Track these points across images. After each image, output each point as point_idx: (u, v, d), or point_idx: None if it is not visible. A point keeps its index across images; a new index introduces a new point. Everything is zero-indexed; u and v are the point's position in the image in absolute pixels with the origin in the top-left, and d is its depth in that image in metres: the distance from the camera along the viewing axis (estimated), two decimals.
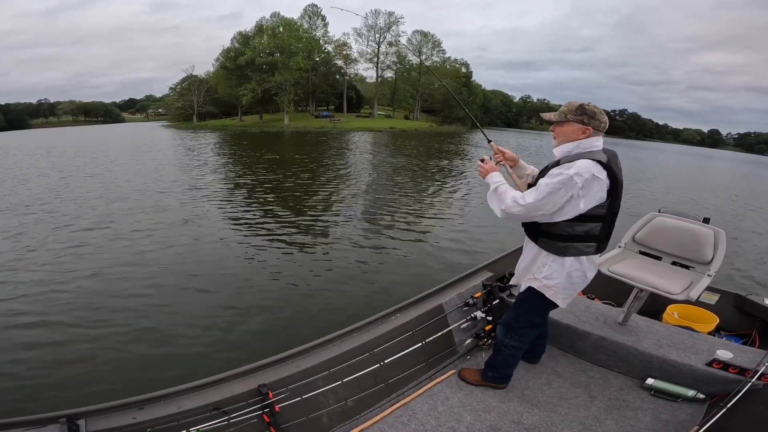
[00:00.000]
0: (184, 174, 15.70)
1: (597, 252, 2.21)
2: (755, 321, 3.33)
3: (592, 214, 2.06)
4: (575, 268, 2.21)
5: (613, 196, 2.06)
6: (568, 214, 2.05)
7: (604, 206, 2.06)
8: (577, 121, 2.08)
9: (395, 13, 67.66)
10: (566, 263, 2.20)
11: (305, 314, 4.92)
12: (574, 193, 1.99)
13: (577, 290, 2.33)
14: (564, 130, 2.13)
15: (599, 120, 2.08)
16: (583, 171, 1.98)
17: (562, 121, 2.13)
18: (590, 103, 2.12)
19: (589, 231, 2.12)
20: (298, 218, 9.39)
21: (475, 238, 8.19)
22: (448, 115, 71.05)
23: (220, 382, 2.17)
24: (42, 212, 9.53)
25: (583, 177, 1.97)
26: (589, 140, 2.09)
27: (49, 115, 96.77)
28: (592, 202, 2.02)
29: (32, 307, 4.91)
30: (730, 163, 53.03)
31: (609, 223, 2.14)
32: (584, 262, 2.21)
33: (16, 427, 1.74)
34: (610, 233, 2.20)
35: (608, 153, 2.09)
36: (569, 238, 2.14)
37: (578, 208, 2.03)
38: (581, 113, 2.08)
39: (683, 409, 2.46)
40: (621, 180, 2.09)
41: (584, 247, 2.15)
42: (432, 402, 2.52)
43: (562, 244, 2.17)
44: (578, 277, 2.25)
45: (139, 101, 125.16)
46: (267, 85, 54.85)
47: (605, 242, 2.22)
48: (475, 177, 17.32)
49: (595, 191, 2.00)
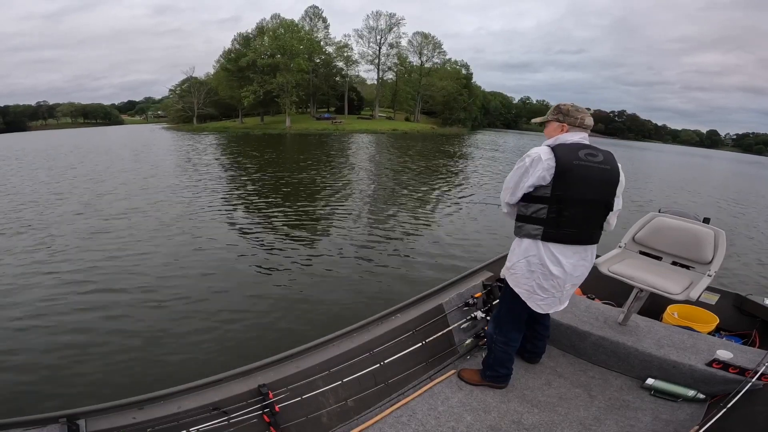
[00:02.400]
0: (187, 175, 15.73)
1: (546, 238, 2.26)
2: (755, 321, 3.32)
3: (537, 195, 2.24)
4: (531, 254, 2.31)
5: (559, 180, 2.16)
6: (522, 191, 2.27)
7: (548, 188, 2.19)
8: (555, 119, 2.32)
9: (396, 14, 67.70)
10: (523, 245, 2.36)
11: (305, 314, 4.93)
12: (524, 171, 2.25)
13: (538, 282, 2.34)
14: (548, 129, 2.37)
15: (573, 116, 2.28)
16: (532, 153, 2.24)
17: (546, 122, 2.38)
18: (566, 103, 2.34)
19: (537, 213, 2.26)
20: (299, 218, 9.41)
21: (476, 238, 8.21)
22: (448, 117, 71.09)
23: (220, 382, 2.16)
24: (39, 214, 9.52)
25: (531, 157, 2.23)
26: (565, 135, 2.28)
27: (48, 117, 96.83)
28: (533, 179, 2.21)
29: (32, 307, 4.90)
30: (728, 164, 53.14)
31: (557, 209, 2.21)
32: (540, 248, 2.28)
33: (16, 427, 1.73)
34: (562, 221, 2.22)
35: (574, 145, 2.23)
36: (523, 219, 2.34)
37: (526, 186, 2.25)
38: (557, 112, 2.32)
39: (683, 409, 2.46)
40: (572, 167, 2.16)
41: (533, 229, 2.29)
42: (432, 402, 2.52)
43: (519, 224, 2.37)
44: (536, 265, 2.31)
45: (138, 103, 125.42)
46: (268, 86, 54.77)
47: (554, 230, 2.24)
48: (476, 177, 17.36)
49: (537, 170, 2.20)
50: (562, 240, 2.26)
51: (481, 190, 14.39)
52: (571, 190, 2.18)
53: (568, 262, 2.30)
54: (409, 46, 69.01)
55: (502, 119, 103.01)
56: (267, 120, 64.27)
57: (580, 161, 2.17)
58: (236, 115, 66.55)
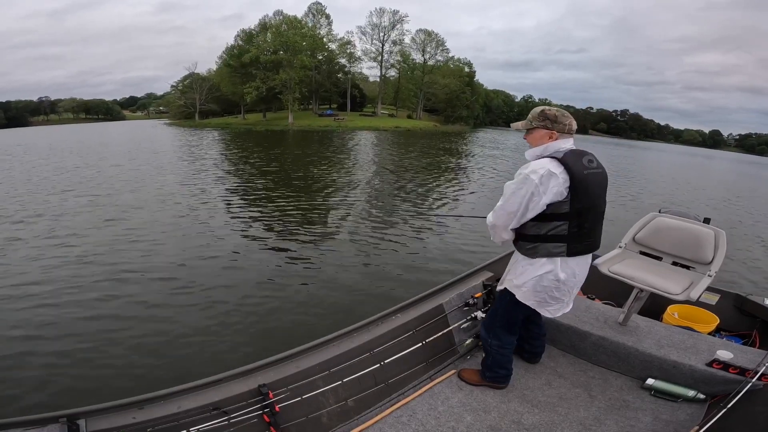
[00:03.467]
0: (192, 171, 15.75)
1: (570, 254, 2.19)
2: (755, 321, 3.32)
3: (555, 213, 2.09)
4: (547, 270, 2.22)
5: (576, 192, 2.07)
6: (534, 212, 2.11)
7: (566, 203, 2.07)
8: (541, 126, 2.17)
9: (399, 11, 67.45)
10: (537, 264, 2.24)
11: (305, 314, 4.93)
12: (533, 190, 2.06)
13: (550, 294, 2.30)
14: (533, 136, 2.22)
15: (562, 123, 2.16)
16: (537, 168, 2.06)
17: (530, 129, 2.22)
18: (551, 108, 2.21)
19: (555, 231, 2.13)
20: (299, 218, 9.42)
21: (476, 238, 8.18)
22: (450, 114, 70.95)
23: (220, 382, 2.16)
24: (37, 215, 9.52)
25: (538, 174, 2.05)
26: (556, 143, 2.16)
27: (49, 113, 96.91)
28: (550, 197, 2.06)
29: (32, 307, 4.91)
30: (730, 164, 52.97)
31: (577, 222, 2.12)
32: (557, 263, 2.20)
33: (16, 427, 1.73)
34: (583, 235, 2.17)
35: (575, 153, 2.13)
36: (538, 239, 2.18)
37: (540, 205, 2.08)
38: (543, 119, 2.17)
39: (683, 410, 2.46)
40: (584, 176, 2.09)
41: (553, 247, 2.17)
42: (432, 402, 2.52)
43: (531, 245, 2.22)
44: (550, 280, 2.24)
45: (140, 99, 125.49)
46: (272, 83, 54.73)
47: (579, 244, 2.18)
48: (477, 177, 17.32)
49: (552, 186, 2.05)
50: (583, 252, 2.23)
51: (482, 189, 14.37)
52: (587, 200, 2.12)
53: (579, 270, 2.30)
54: (412, 43, 69.03)
55: (504, 117, 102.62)
56: (269, 116, 64.32)
57: (588, 170, 2.11)
58: (238, 111, 66.65)
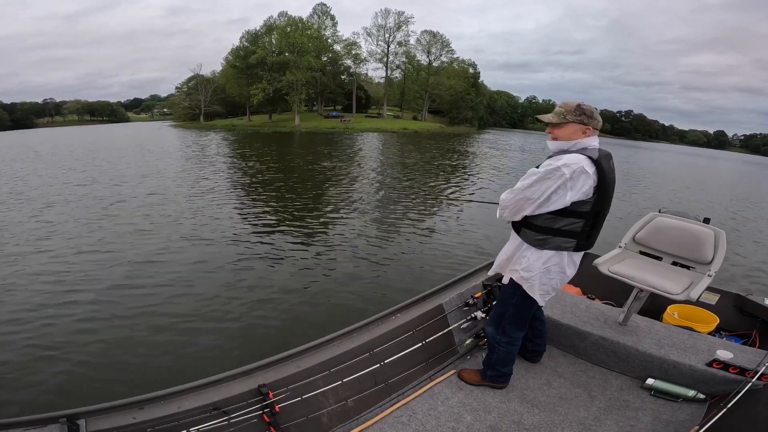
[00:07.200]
0: (191, 171, 15.80)
1: (577, 249, 2.19)
2: (756, 321, 3.31)
3: (575, 210, 2.06)
4: (554, 263, 2.22)
5: (600, 194, 2.04)
6: (555, 205, 2.05)
7: (589, 203, 2.05)
8: (577, 121, 2.06)
9: (405, 12, 67.32)
10: (544, 256, 2.21)
11: (305, 314, 4.94)
12: (561, 183, 2.00)
13: (555, 286, 2.32)
14: (565, 130, 2.09)
15: (597, 119, 2.08)
16: (571, 163, 1.98)
17: (562, 123, 2.09)
18: (586, 103, 2.10)
19: (570, 227, 2.10)
20: (300, 218, 9.44)
21: (476, 238, 8.18)
22: (456, 116, 70.84)
23: (220, 382, 2.17)
24: (35, 216, 9.55)
25: (571, 168, 1.97)
26: (588, 140, 2.08)
27: (54, 115, 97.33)
28: (577, 195, 2.01)
29: (32, 307, 4.93)
30: (735, 164, 52.69)
31: (592, 222, 2.12)
32: (564, 257, 2.21)
33: (16, 427, 1.74)
34: (593, 233, 2.18)
35: (602, 152, 2.08)
36: (550, 232, 2.13)
37: (564, 200, 2.03)
38: (580, 113, 2.05)
39: (683, 409, 2.45)
40: (611, 180, 2.08)
41: (563, 242, 2.15)
42: (432, 402, 2.52)
43: (542, 236, 2.17)
44: (556, 273, 2.24)
45: (144, 101, 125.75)
46: (278, 84, 54.65)
47: (587, 241, 2.19)
48: (479, 177, 17.31)
49: (581, 184, 2.00)
50: (586, 248, 2.23)
51: (482, 189, 14.35)
52: (608, 203, 2.11)
53: (578, 265, 2.32)
54: (417, 44, 68.85)
55: (507, 119, 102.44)
56: (275, 118, 64.29)
57: (612, 172, 2.08)
58: (243, 113, 66.52)
